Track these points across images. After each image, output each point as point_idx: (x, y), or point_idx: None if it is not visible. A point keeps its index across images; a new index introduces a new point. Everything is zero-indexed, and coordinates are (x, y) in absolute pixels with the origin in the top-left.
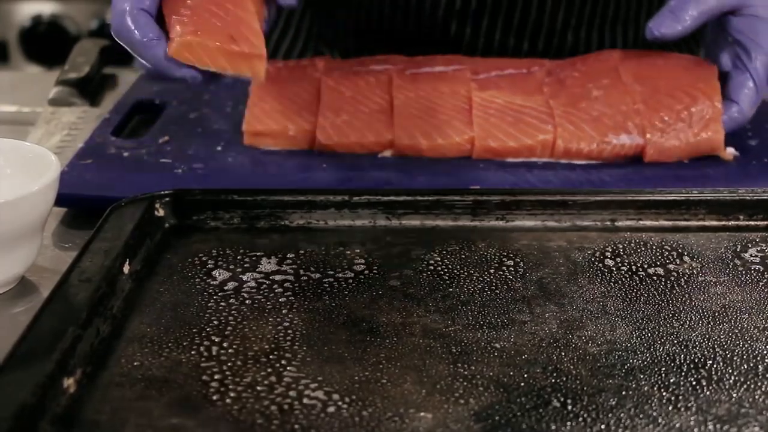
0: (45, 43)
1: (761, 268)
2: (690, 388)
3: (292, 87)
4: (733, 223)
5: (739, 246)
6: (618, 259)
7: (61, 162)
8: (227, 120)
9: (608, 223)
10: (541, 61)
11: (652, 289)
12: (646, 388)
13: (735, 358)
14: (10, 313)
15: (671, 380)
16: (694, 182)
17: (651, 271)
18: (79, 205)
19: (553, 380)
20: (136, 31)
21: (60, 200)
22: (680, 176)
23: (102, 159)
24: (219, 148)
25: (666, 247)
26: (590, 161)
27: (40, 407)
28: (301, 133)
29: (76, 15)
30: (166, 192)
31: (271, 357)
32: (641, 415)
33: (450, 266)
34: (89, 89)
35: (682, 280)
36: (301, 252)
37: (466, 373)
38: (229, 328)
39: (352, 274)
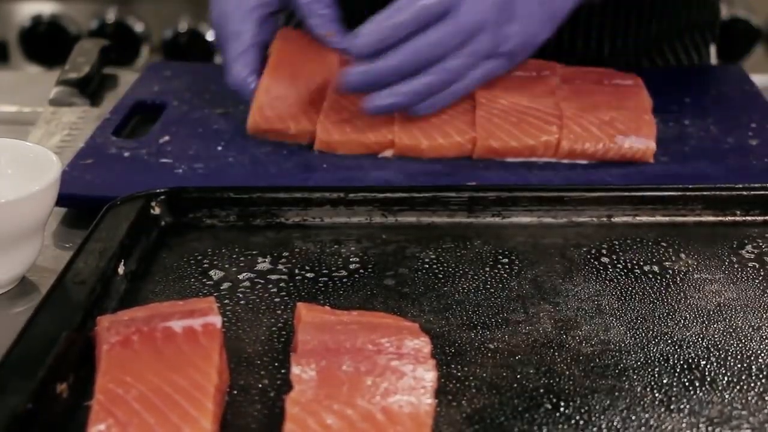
0: (45, 43)
1: (757, 265)
2: (683, 389)
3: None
4: (729, 218)
5: (735, 242)
6: (614, 257)
7: (61, 162)
8: (227, 120)
9: (605, 219)
10: (552, 64)
11: (647, 288)
12: (638, 389)
13: (728, 358)
14: (10, 313)
15: (664, 381)
16: (694, 181)
17: (646, 268)
18: (79, 205)
19: (545, 381)
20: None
21: (60, 200)
22: (680, 174)
23: (102, 159)
24: (219, 148)
25: (662, 243)
26: (592, 161)
27: (32, 413)
28: (303, 132)
29: (76, 15)
30: (162, 190)
31: (264, 359)
32: (633, 417)
33: (445, 264)
34: (89, 89)
35: (678, 277)
36: (296, 250)
37: (459, 374)
38: (222, 330)
39: (347, 273)
